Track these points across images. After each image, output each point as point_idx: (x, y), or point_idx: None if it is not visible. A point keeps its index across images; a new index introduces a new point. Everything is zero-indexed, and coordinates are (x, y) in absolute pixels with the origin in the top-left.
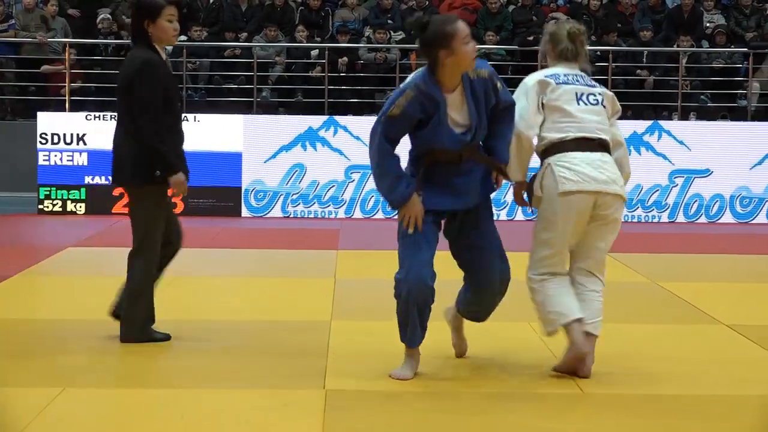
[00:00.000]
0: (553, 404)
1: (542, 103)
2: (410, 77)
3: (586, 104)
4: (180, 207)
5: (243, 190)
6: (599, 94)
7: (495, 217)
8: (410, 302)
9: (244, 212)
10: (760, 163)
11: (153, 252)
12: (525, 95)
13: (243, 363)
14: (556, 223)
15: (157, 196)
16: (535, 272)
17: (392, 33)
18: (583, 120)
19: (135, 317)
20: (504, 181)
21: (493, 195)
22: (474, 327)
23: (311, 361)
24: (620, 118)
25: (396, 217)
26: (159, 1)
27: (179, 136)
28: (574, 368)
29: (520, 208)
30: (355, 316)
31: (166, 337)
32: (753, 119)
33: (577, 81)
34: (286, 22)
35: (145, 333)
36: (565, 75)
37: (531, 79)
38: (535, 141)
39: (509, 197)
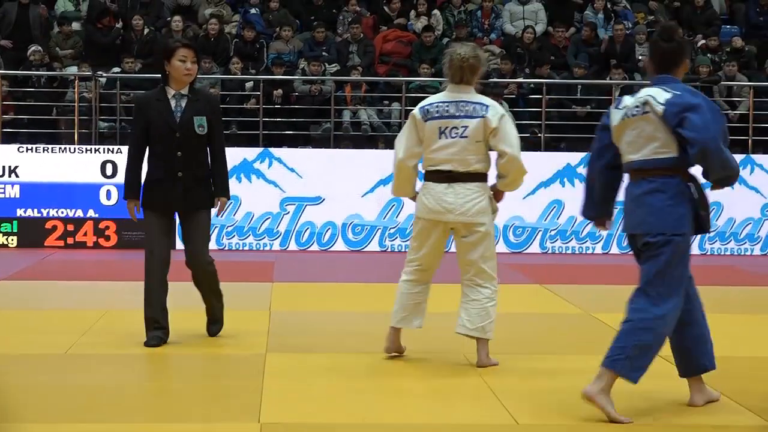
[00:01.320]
0: None
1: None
2: (661, 89)
3: (447, 138)
4: (113, 240)
5: (177, 223)
6: (463, 127)
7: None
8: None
9: (178, 245)
10: None
11: (150, 268)
12: (407, 127)
13: (176, 396)
14: (416, 237)
15: (147, 219)
16: (403, 270)
17: (327, 65)
18: (438, 154)
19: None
20: None
21: None
22: (403, 359)
23: (246, 394)
24: (555, 150)
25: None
26: (173, 43)
27: (166, 164)
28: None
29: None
30: (291, 348)
31: (152, 343)
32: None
33: (447, 112)
34: (220, 53)
35: (147, 335)
36: (437, 105)
37: (413, 112)
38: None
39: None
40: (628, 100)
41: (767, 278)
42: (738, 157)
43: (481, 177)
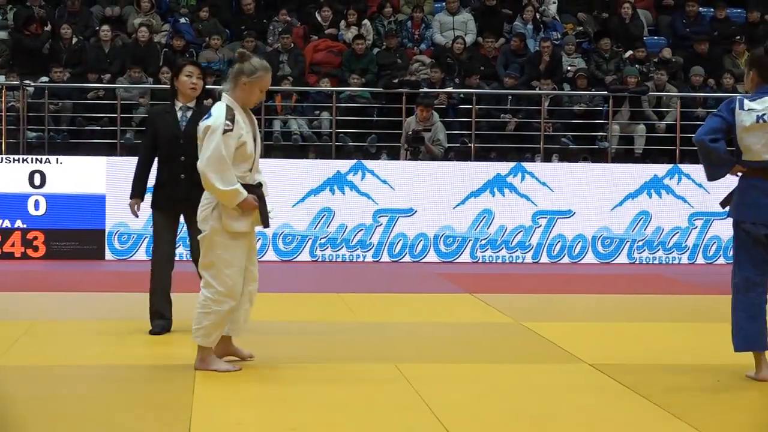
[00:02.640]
0: None
1: None
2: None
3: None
4: (41, 250)
5: (106, 233)
6: (200, 129)
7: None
8: None
9: (108, 255)
10: (620, 204)
11: (156, 264)
12: None
13: (106, 409)
14: None
15: (154, 218)
16: None
17: None
18: None
19: None
20: None
21: None
22: (335, 369)
23: (175, 409)
24: (485, 160)
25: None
26: (181, 61)
27: (170, 168)
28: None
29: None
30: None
31: (156, 330)
32: (613, 161)
33: None
34: (150, 63)
35: (151, 323)
36: None
37: None
38: None
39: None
40: (754, 105)
41: (694, 287)
42: (665, 167)
43: None
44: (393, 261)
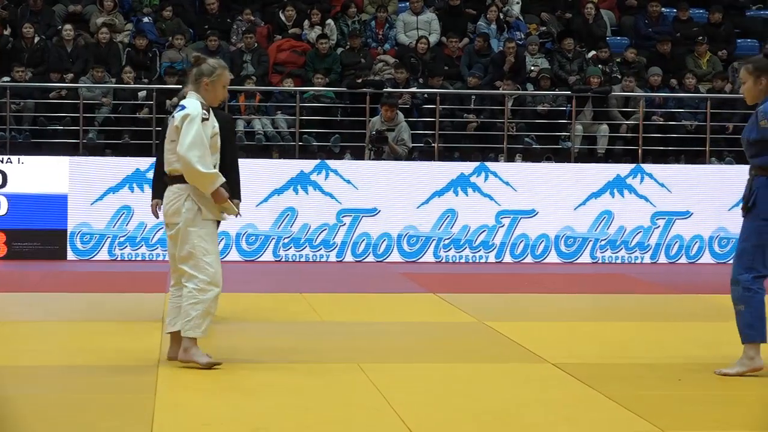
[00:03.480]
0: None
1: None
2: None
3: (172, 141)
4: (2, 251)
5: (68, 233)
6: (177, 118)
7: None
8: None
9: (70, 255)
10: (583, 203)
11: None
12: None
13: (65, 413)
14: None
15: None
16: None
17: None
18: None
19: None
20: None
21: None
22: (298, 369)
23: (137, 408)
24: (449, 160)
25: None
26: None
27: None
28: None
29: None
30: None
31: None
32: (576, 161)
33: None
34: (112, 62)
35: None
36: None
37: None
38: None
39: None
40: None
41: (656, 286)
42: (628, 167)
43: (182, 178)
44: (356, 261)
